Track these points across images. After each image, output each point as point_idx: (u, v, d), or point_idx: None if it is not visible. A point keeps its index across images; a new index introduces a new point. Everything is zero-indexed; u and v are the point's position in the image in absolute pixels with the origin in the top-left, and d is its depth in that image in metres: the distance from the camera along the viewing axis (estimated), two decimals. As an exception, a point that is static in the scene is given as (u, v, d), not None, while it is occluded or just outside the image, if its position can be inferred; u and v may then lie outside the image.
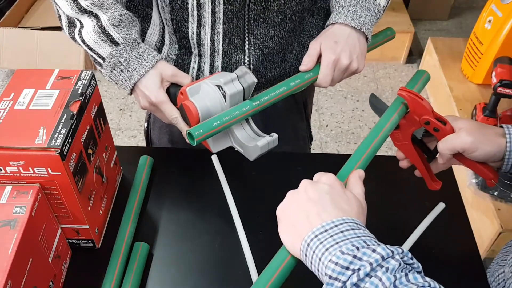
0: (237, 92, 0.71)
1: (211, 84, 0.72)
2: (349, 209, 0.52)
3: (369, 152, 0.62)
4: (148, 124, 1.04)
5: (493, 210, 1.53)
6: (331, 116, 2.29)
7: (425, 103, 0.66)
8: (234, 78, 0.72)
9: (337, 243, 0.46)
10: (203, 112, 0.72)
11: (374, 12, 0.82)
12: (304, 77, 0.79)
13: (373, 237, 0.48)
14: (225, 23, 0.79)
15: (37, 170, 0.61)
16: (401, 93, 0.67)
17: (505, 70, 1.69)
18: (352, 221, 0.49)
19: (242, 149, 0.74)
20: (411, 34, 2.46)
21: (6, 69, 2.47)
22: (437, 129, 0.66)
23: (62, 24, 0.78)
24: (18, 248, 0.56)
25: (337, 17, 0.81)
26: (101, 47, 0.75)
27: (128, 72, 0.76)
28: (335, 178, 0.56)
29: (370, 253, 0.44)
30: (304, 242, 0.49)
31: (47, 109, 0.65)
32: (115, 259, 0.71)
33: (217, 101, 0.72)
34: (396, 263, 0.43)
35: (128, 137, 2.17)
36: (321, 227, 0.48)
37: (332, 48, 0.79)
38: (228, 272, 0.73)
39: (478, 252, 0.77)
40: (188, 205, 0.83)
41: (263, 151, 0.72)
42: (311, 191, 0.54)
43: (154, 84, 0.75)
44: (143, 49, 0.76)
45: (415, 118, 0.67)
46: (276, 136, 0.73)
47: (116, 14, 0.75)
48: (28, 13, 2.54)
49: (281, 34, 0.84)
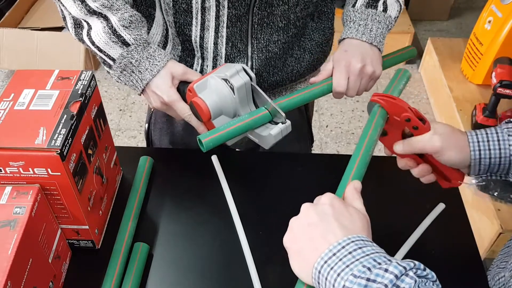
0: (244, 83, 0.71)
1: (217, 78, 0.72)
2: (353, 226, 0.51)
3: (360, 160, 0.61)
4: (149, 126, 1.04)
5: (493, 210, 1.53)
6: (331, 116, 2.29)
7: (399, 101, 0.66)
8: (239, 69, 0.72)
9: (347, 266, 0.45)
10: (213, 108, 0.72)
11: (386, 24, 0.83)
12: (317, 85, 0.82)
13: (382, 252, 0.47)
14: (229, 27, 0.79)
15: (37, 170, 0.61)
16: (374, 98, 0.67)
17: (505, 70, 1.69)
18: (358, 239, 0.48)
19: (257, 139, 0.74)
20: (411, 34, 2.47)
21: (6, 69, 2.47)
22: (416, 127, 0.66)
23: (68, 25, 0.77)
24: (18, 248, 0.56)
25: (348, 32, 0.83)
26: (111, 49, 0.75)
27: (140, 72, 0.76)
28: (334, 196, 0.55)
29: (382, 273, 0.43)
30: (315, 270, 0.48)
31: (47, 110, 0.65)
32: (115, 259, 0.71)
33: (226, 94, 0.72)
34: (411, 281, 0.42)
35: (128, 138, 2.17)
36: (328, 251, 0.47)
37: (341, 55, 0.81)
38: (228, 272, 0.73)
39: (478, 253, 0.77)
40: (188, 206, 0.83)
41: (277, 139, 0.72)
42: (312, 215, 0.52)
43: (165, 84, 0.75)
44: (153, 49, 0.76)
45: (395, 119, 0.67)
46: (289, 123, 0.72)
47: (126, 15, 0.74)
48: (28, 14, 2.54)
49: (285, 39, 0.84)
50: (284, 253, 0.75)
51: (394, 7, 0.85)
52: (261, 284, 0.70)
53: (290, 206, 0.83)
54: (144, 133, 1.14)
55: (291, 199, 0.84)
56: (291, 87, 0.98)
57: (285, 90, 0.97)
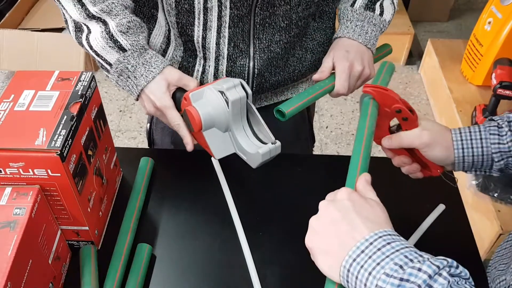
0: (239, 98, 0.71)
1: (214, 90, 0.72)
2: (377, 219, 0.50)
3: (364, 152, 0.62)
4: (151, 125, 1.04)
5: (493, 211, 1.53)
6: (331, 117, 2.29)
7: (391, 93, 0.67)
8: (236, 84, 0.72)
9: (378, 264, 0.44)
10: (205, 118, 0.72)
11: (379, 27, 0.87)
12: (321, 85, 0.84)
13: (411, 247, 0.46)
14: (231, 27, 0.79)
15: (37, 171, 0.61)
16: (366, 89, 0.70)
17: (505, 71, 1.69)
18: (385, 233, 0.47)
19: (245, 156, 0.74)
20: (411, 35, 2.46)
21: (6, 70, 2.47)
22: (405, 118, 0.67)
23: (69, 28, 0.78)
24: (18, 249, 0.56)
25: (345, 31, 0.86)
26: (108, 53, 0.75)
27: (135, 78, 0.76)
28: (350, 190, 0.54)
29: (416, 273, 0.42)
30: (343, 268, 0.47)
31: (47, 111, 0.65)
32: (116, 260, 0.71)
33: (220, 107, 0.72)
34: (445, 282, 0.42)
35: (128, 139, 2.17)
36: (356, 249, 0.47)
37: (344, 56, 0.84)
38: (228, 272, 0.73)
39: (478, 254, 0.77)
40: (188, 207, 0.83)
41: (264, 158, 0.71)
42: (333, 211, 0.51)
43: (159, 90, 0.75)
44: (150, 56, 0.77)
45: (386, 110, 0.69)
46: (279, 144, 0.72)
47: (124, 21, 0.75)
48: (28, 15, 2.54)
49: (287, 39, 0.85)
50: (284, 253, 0.76)
51: (389, 11, 0.88)
52: (261, 284, 0.70)
53: (290, 206, 0.83)
54: (145, 133, 1.14)
55: (292, 199, 0.84)
56: (293, 86, 0.98)
57: (287, 90, 0.97)
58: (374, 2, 0.87)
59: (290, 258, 0.75)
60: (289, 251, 0.76)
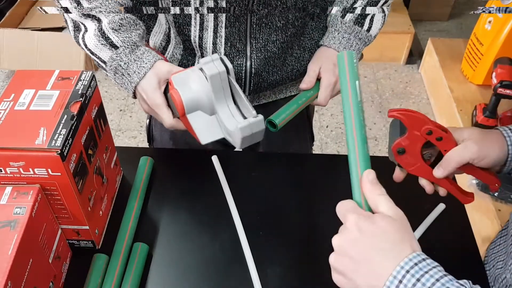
0: (218, 72, 0.68)
1: (196, 69, 0.71)
2: (393, 245, 0.48)
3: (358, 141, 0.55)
4: (150, 121, 1.05)
5: (494, 211, 1.53)
6: (331, 116, 2.29)
7: (419, 115, 0.63)
8: (215, 58, 0.70)
9: None
10: (187, 100, 0.70)
11: (364, 42, 0.90)
12: (307, 95, 0.88)
13: (443, 272, 0.46)
14: (227, 27, 0.80)
15: (37, 170, 0.61)
16: (392, 113, 0.64)
17: (505, 70, 1.69)
18: (410, 265, 0.46)
19: (230, 138, 0.71)
20: (411, 34, 2.46)
21: (7, 69, 2.47)
22: (440, 138, 0.63)
23: (69, 28, 0.79)
24: (18, 249, 0.56)
25: (331, 42, 0.89)
26: (101, 51, 0.76)
27: (129, 75, 0.76)
28: (356, 215, 0.50)
29: None
30: None
31: (47, 110, 0.65)
32: (115, 260, 0.71)
33: (201, 85, 0.70)
34: None
35: (129, 138, 2.17)
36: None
37: (332, 70, 0.87)
38: (228, 272, 0.73)
39: (479, 253, 0.77)
40: (188, 206, 0.83)
41: (245, 133, 0.67)
42: (347, 248, 0.49)
43: (151, 86, 0.75)
44: (141, 52, 0.76)
45: (415, 134, 0.64)
46: (261, 117, 0.68)
47: (116, 18, 0.75)
48: (29, 14, 2.54)
49: (283, 39, 0.85)
50: (284, 253, 0.76)
51: (377, 26, 0.91)
52: (261, 284, 0.70)
53: (290, 206, 0.83)
54: (145, 131, 1.14)
55: (292, 199, 0.84)
56: (292, 85, 0.98)
57: (286, 89, 0.98)
58: (364, 16, 0.88)
59: (290, 258, 0.75)
60: (289, 251, 0.76)
